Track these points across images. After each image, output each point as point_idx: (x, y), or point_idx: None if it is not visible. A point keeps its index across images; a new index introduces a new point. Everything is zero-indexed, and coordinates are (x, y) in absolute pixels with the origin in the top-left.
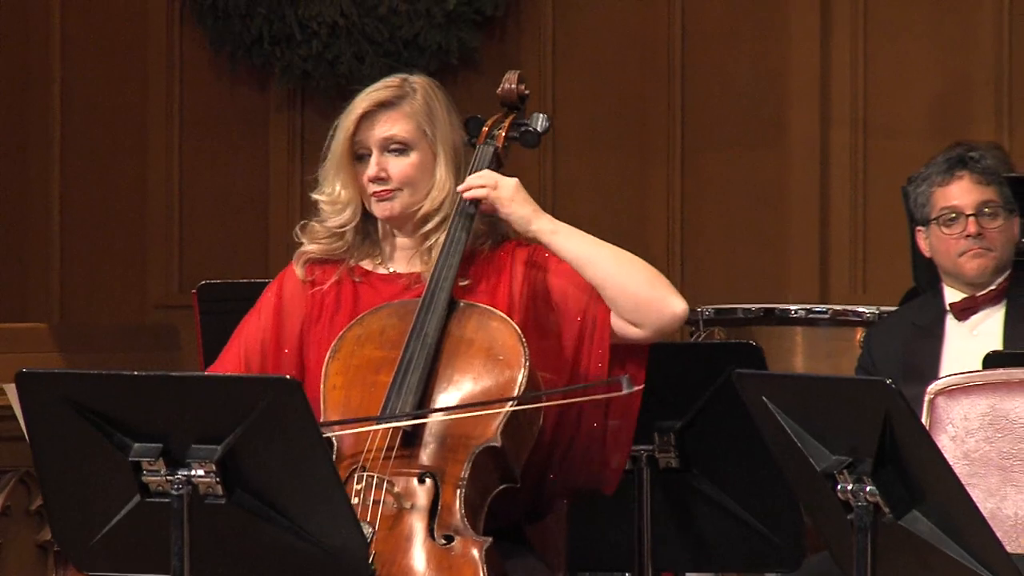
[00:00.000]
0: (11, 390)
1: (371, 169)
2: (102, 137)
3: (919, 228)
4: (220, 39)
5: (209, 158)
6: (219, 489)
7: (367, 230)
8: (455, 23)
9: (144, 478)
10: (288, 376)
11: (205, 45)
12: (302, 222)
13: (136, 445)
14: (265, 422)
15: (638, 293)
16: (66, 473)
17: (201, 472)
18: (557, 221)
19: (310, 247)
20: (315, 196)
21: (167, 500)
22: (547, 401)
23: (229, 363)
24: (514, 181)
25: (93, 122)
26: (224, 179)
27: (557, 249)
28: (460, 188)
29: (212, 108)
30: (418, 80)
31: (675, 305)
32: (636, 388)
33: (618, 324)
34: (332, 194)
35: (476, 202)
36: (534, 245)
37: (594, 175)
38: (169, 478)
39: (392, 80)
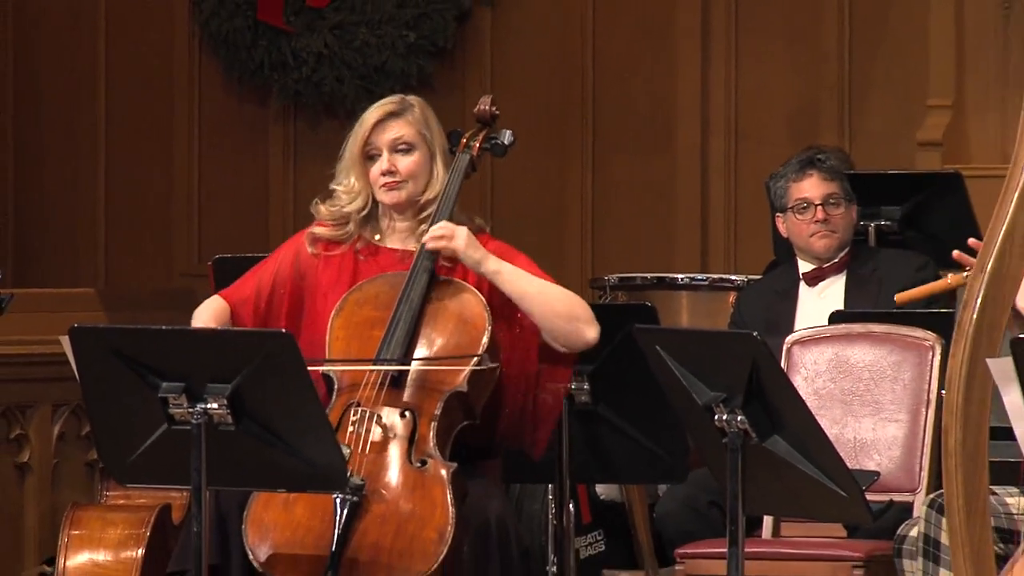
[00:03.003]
0: (65, 341)
1: (383, 164)
2: (138, 142)
3: (778, 214)
4: (230, 65)
5: (221, 158)
6: (230, 419)
7: (370, 215)
8: (414, 53)
9: (170, 410)
10: (283, 330)
11: (218, 70)
12: (315, 200)
13: (164, 384)
14: (265, 366)
15: (559, 327)
16: (108, 406)
17: (215, 405)
18: (501, 263)
19: (320, 230)
20: (334, 186)
21: (188, 427)
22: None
23: (243, 291)
24: (465, 231)
25: (131, 130)
26: (233, 175)
27: (499, 285)
28: (426, 238)
29: (223, 120)
30: (413, 98)
31: (588, 334)
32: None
33: (544, 337)
34: (348, 185)
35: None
36: (499, 242)
37: (524, 173)
38: (190, 410)
39: (394, 98)
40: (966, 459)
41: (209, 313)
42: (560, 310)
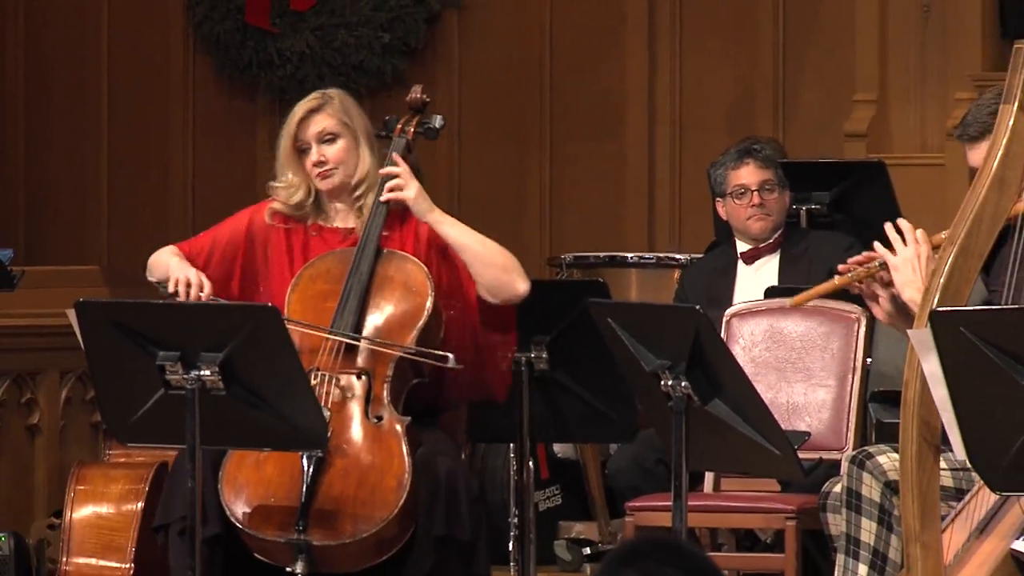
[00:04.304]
0: (72, 314)
1: (313, 156)
2: (137, 133)
3: (718, 199)
4: (221, 64)
5: (213, 148)
6: (220, 384)
7: (316, 201)
8: (389, 52)
9: (167, 376)
10: (270, 305)
11: (210, 68)
12: (270, 183)
13: (161, 353)
14: (253, 337)
15: (493, 276)
16: (111, 373)
17: (208, 372)
18: (444, 214)
19: (278, 206)
20: (274, 184)
21: (183, 392)
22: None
23: (198, 244)
24: (416, 184)
25: (131, 122)
26: (223, 163)
27: (442, 234)
28: (383, 170)
29: (215, 113)
30: (333, 91)
31: (519, 287)
32: (458, 366)
33: (480, 290)
34: (288, 180)
35: (391, 190)
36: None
37: (488, 160)
38: (185, 376)
39: (316, 94)
40: (922, 410)
41: (167, 254)
42: (496, 261)
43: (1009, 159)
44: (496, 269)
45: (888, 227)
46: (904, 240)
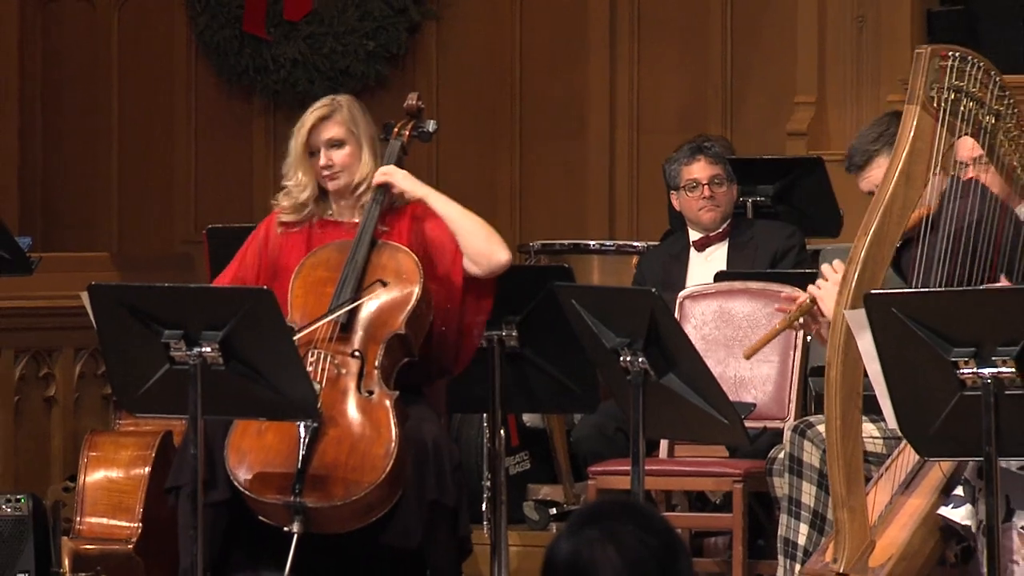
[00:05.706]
0: (85, 297)
1: (322, 160)
2: (145, 131)
3: (672, 192)
4: (221, 68)
5: (214, 145)
6: (220, 360)
7: (320, 198)
8: (373, 58)
9: (171, 353)
10: (264, 287)
11: (211, 73)
12: (275, 198)
13: (166, 331)
14: (250, 316)
15: (477, 245)
16: (120, 349)
17: (209, 349)
18: (433, 190)
19: (284, 216)
20: (285, 183)
21: (186, 367)
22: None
23: (227, 278)
24: (404, 172)
25: (139, 122)
26: (223, 159)
27: (432, 207)
28: (375, 178)
29: (215, 113)
30: (342, 98)
31: (501, 256)
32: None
33: (466, 262)
34: (297, 179)
35: (385, 184)
36: (420, 204)
37: (463, 156)
38: (187, 353)
39: (326, 100)
40: (844, 388)
41: None
42: (479, 231)
43: (914, 155)
44: (480, 238)
45: (823, 267)
46: (826, 277)
